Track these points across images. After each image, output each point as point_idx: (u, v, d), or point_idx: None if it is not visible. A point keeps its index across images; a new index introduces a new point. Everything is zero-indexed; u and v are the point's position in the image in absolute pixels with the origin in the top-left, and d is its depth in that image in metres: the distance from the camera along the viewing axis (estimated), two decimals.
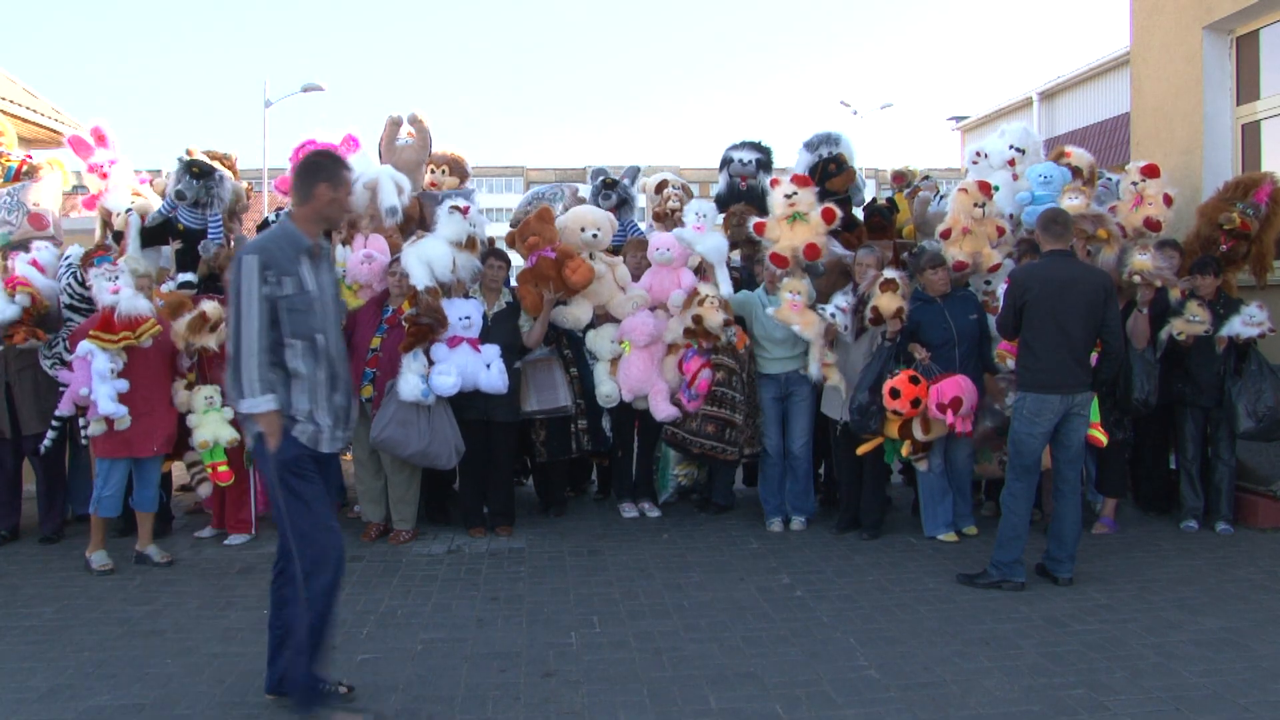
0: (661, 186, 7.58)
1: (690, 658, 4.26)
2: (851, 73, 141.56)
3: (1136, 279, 6.10)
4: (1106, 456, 6.19)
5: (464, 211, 6.32)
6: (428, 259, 6.13)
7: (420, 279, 6.04)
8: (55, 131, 11.91)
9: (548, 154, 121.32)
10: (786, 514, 6.55)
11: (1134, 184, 6.53)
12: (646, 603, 5.03)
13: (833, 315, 6.11)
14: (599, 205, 7.17)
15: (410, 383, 5.87)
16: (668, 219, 7.26)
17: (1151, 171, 6.49)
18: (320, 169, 3.77)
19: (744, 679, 4.02)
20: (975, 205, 6.18)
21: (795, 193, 6.32)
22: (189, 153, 7.01)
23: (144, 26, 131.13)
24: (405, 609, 4.95)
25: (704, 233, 6.69)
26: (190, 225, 6.64)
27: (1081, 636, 4.45)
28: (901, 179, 8.43)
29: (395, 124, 7.41)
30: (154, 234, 6.69)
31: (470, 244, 6.36)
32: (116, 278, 5.62)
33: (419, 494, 6.41)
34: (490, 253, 6.61)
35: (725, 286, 6.56)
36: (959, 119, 19.55)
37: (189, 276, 6.40)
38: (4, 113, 10.63)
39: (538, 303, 6.41)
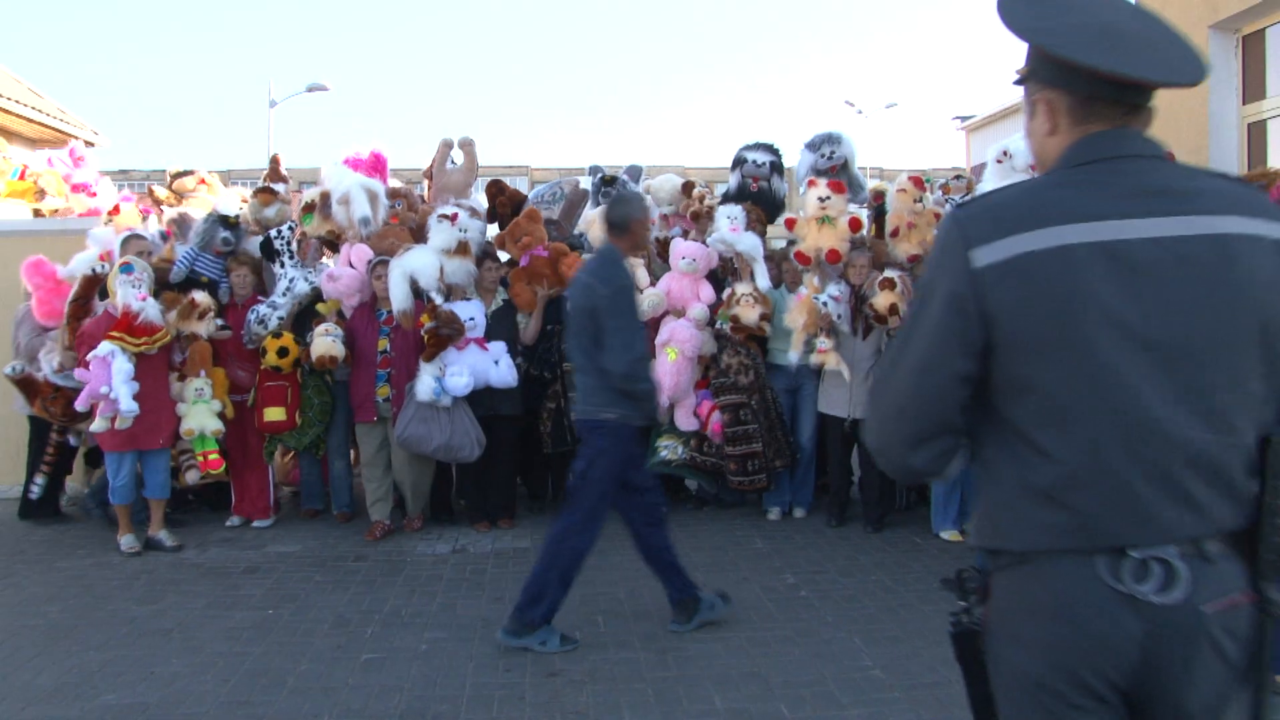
0: (690, 187, 7.62)
1: (694, 657, 4.26)
2: (856, 72, 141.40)
3: None
4: None
5: (452, 219, 6.44)
6: (410, 270, 6.26)
7: (398, 298, 6.21)
8: (60, 131, 11.97)
9: (552, 153, 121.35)
10: (786, 504, 6.73)
11: None
12: (651, 603, 5.02)
13: (825, 304, 6.27)
14: (599, 202, 7.22)
15: (425, 384, 6.07)
16: (704, 217, 7.27)
17: None
18: None
19: (748, 679, 4.02)
20: (915, 201, 6.62)
21: (829, 197, 6.56)
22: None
23: (148, 26, 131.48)
24: (410, 609, 4.95)
25: (739, 233, 6.79)
26: (211, 276, 6.76)
27: None
28: (881, 198, 8.49)
29: (447, 146, 7.58)
30: (179, 289, 6.56)
31: (462, 250, 6.46)
32: (140, 285, 5.96)
33: (430, 485, 6.66)
34: (485, 255, 6.74)
35: (764, 280, 6.70)
36: (964, 119, 19.54)
37: (219, 322, 6.53)
38: (9, 112, 10.69)
39: (532, 300, 6.60)
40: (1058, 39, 1.52)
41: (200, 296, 6.24)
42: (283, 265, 6.77)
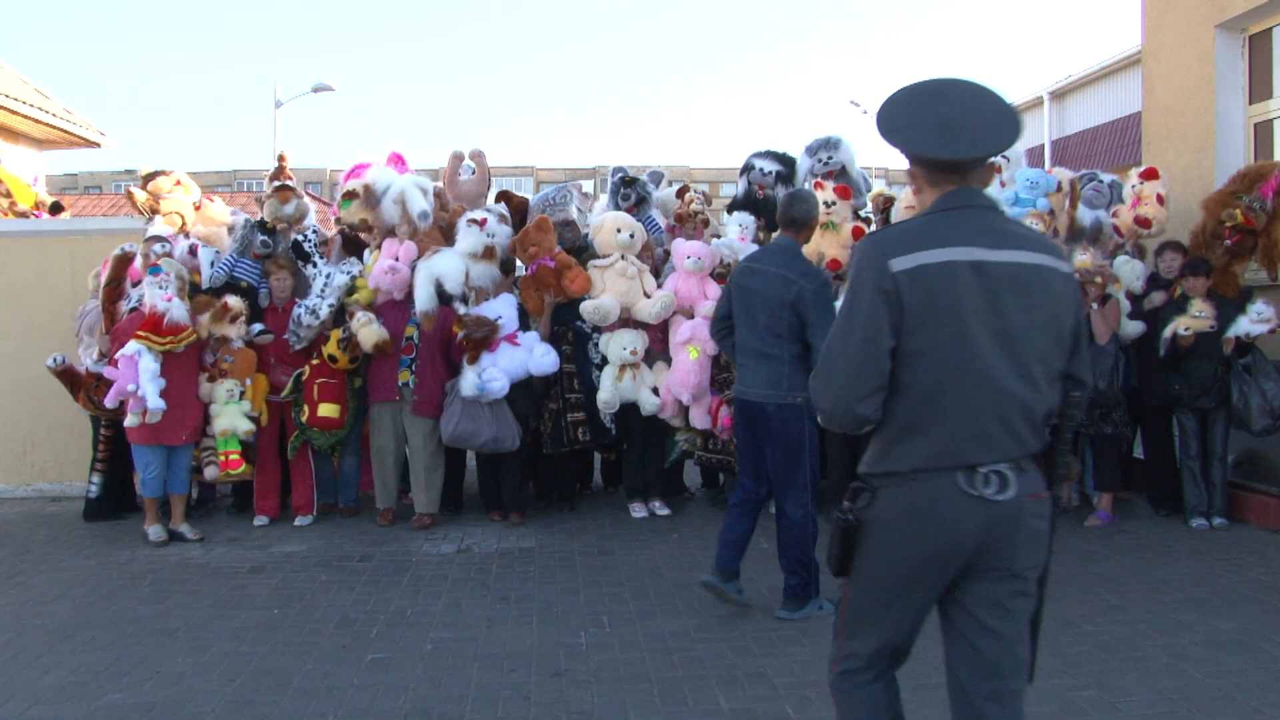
0: (683, 191, 7.78)
1: (700, 658, 4.26)
2: (861, 72, 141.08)
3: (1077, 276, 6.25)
4: (1102, 451, 6.42)
5: (481, 224, 6.62)
6: (437, 274, 6.48)
7: (422, 299, 6.43)
8: (67, 132, 11.99)
9: (557, 154, 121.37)
10: None
11: (1133, 186, 6.93)
12: (656, 602, 5.03)
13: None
14: (618, 203, 7.28)
15: (468, 380, 6.33)
16: (690, 220, 7.36)
17: (1149, 174, 6.92)
18: None
19: (754, 679, 4.02)
20: (906, 207, 6.74)
21: (834, 203, 6.65)
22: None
23: (151, 26, 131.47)
24: (415, 609, 4.96)
25: (747, 243, 6.89)
26: (250, 281, 6.88)
27: (1092, 637, 4.43)
28: (889, 205, 8.55)
29: (458, 158, 7.71)
30: (215, 295, 6.65)
31: (488, 254, 6.69)
32: (167, 286, 6.12)
33: (442, 481, 6.76)
34: (508, 267, 6.95)
35: None
36: None
37: (260, 326, 6.67)
38: (15, 113, 10.73)
39: (540, 306, 6.80)
40: (903, 137, 2.25)
41: (233, 301, 6.33)
42: (315, 265, 6.90)
